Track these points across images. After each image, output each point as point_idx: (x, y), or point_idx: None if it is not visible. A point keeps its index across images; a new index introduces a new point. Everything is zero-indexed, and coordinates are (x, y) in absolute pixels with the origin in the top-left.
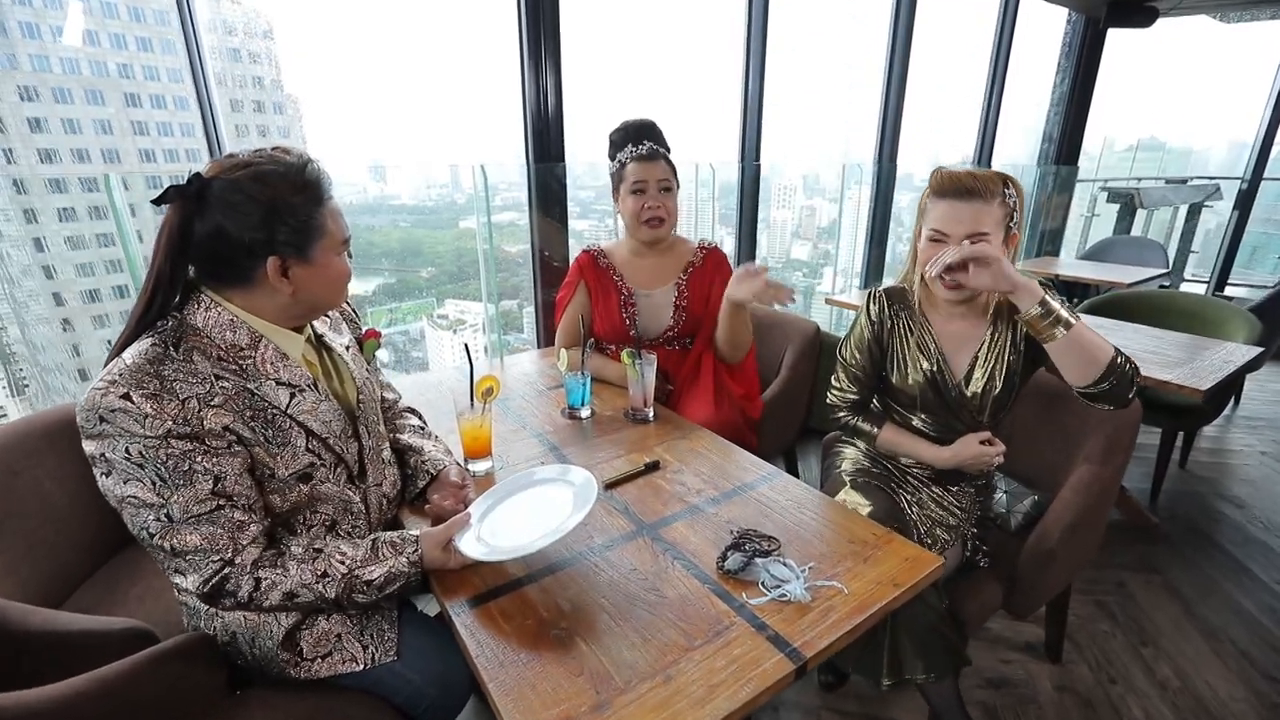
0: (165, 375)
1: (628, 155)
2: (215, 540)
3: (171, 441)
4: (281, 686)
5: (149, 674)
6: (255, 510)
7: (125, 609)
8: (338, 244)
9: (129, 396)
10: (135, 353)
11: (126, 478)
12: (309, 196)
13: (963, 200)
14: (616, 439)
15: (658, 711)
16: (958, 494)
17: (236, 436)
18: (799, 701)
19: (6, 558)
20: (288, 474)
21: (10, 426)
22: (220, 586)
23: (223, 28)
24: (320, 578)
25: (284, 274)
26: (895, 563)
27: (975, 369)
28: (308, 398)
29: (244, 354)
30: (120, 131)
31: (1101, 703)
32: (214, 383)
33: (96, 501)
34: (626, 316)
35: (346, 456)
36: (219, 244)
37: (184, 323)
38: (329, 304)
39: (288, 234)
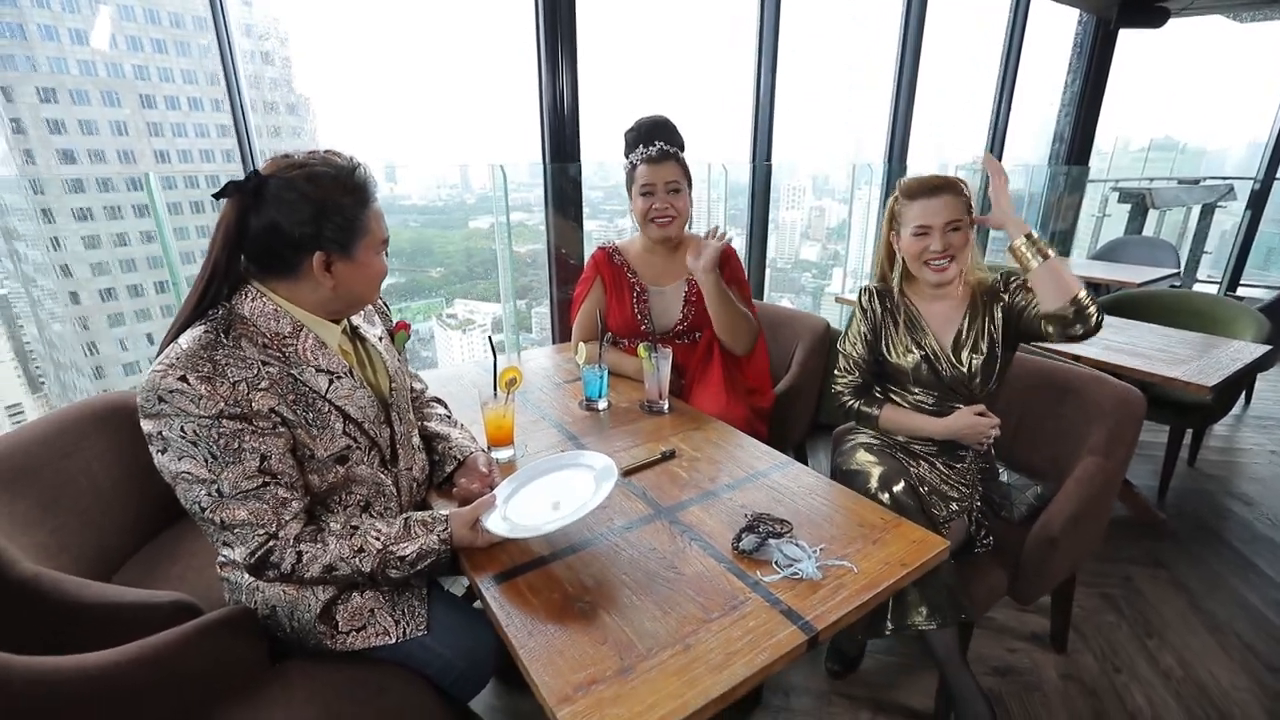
0: (217, 360)
1: (638, 156)
2: (260, 515)
3: (223, 421)
4: (319, 658)
5: (197, 643)
6: (297, 488)
7: (167, 586)
8: (378, 243)
9: (185, 379)
10: (190, 338)
11: (181, 454)
12: (357, 198)
13: (936, 196)
14: (633, 429)
15: (679, 675)
16: (961, 470)
17: (281, 418)
18: (809, 686)
19: (61, 535)
20: (326, 455)
21: (61, 413)
22: (265, 558)
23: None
24: (357, 553)
25: (328, 269)
26: (903, 545)
27: (961, 342)
28: (344, 384)
29: (286, 342)
30: (136, 132)
31: (1105, 691)
32: (260, 367)
33: (138, 485)
34: (639, 312)
35: (379, 441)
36: (271, 238)
37: (233, 311)
38: (365, 300)
39: (334, 231)
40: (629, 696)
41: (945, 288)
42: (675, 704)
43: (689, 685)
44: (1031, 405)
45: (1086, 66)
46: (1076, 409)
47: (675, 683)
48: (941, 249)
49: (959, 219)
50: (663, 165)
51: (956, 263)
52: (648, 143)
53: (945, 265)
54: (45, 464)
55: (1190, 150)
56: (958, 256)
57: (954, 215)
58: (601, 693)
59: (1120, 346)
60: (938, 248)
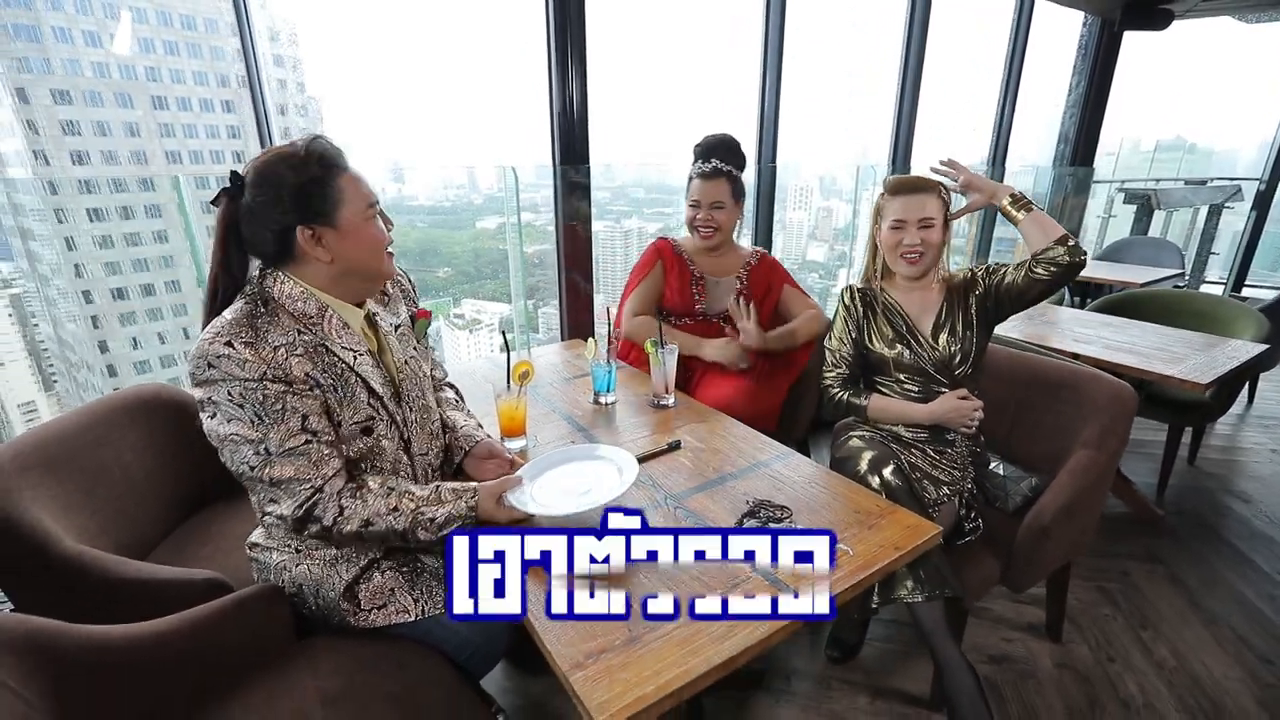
0: (258, 326)
1: (694, 170)
2: (305, 471)
3: (266, 384)
4: (343, 634)
5: (231, 617)
6: (336, 447)
7: (197, 566)
8: (362, 208)
9: (231, 344)
10: (232, 310)
11: (230, 417)
12: (315, 168)
13: (913, 194)
14: (640, 422)
15: (683, 645)
16: (951, 455)
17: (315, 382)
18: (809, 671)
19: (99, 519)
20: (352, 422)
21: (96, 403)
22: (310, 511)
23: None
24: (392, 510)
25: (318, 242)
26: (897, 530)
27: (940, 327)
28: (367, 360)
29: (313, 321)
30: (148, 133)
31: (1099, 679)
32: (296, 335)
33: (168, 472)
34: (696, 292)
35: (397, 418)
36: (257, 229)
37: (265, 291)
38: (374, 269)
39: (302, 203)
40: (636, 663)
41: (919, 280)
42: (679, 670)
43: (693, 654)
44: (1028, 400)
45: (1091, 68)
46: (1071, 404)
47: (679, 652)
48: (913, 243)
49: (932, 218)
50: (712, 182)
51: (926, 258)
52: (705, 159)
53: (916, 258)
54: (83, 451)
55: (1200, 151)
56: (928, 252)
57: (928, 214)
58: (610, 660)
59: (1119, 345)
60: (911, 241)
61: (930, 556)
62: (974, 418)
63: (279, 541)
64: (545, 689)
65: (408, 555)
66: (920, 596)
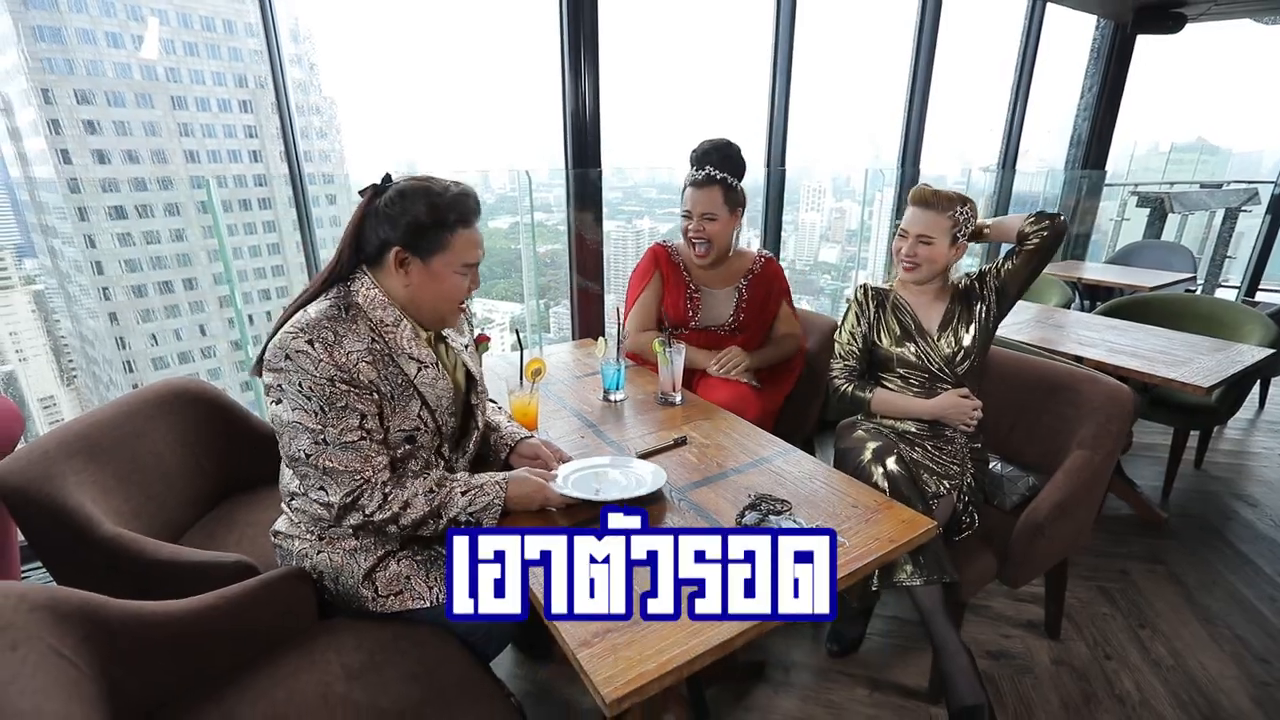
0: (338, 331)
1: (688, 178)
2: (355, 463)
3: (336, 384)
4: (364, 616)
5: (261, 596)
6: (383, 444)
7: (226, 551)
8: (458, 264)
9: (311, 343)
10: (317, 309)
11: (295, 406)
12: (442, 215)
13: (921, 208)
14: (648, 418)
15: (684, 627)
16: (951, 451)
17: (376, 389)
18: (809, 664)
19: (134, 504)
20: (398, 430)
21: (133, 395)
22: (355, 500)
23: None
24: (428, 492)
25: (404, 266)
26: (893, 524)
27: (945, 327)
28: (429, 372)
29: (388, 329)
30: (168, 133)
31: (1095, 676)
32: (370, 343)
33: (198, 463)
34: (690, 307)
35: (445, 429)
36: (374, 228)
37: (351, 295)
38: (440, 313)
39: (412, 236)
40: (640, 642)
41: (921, 286)
42: (680, 650)
43: (693, 635)
44: (1028, 402)
45: (1103, 71)
46: (1069, 405)
47: (681, 633)
48: (910, 253)
49: (930, 236)
50: (704, 191)
51: (921, 270)
52: (699, 166)
53: (911, 267)
54: (121, 441)
55: (1221, 153)
56: (923, 265)
57: (927, 232)
58: (616, 639)
59: (1122, 348)
60: (907, 251)
61: (929, 543)
62: (973, 416)
63: (302, 530)
64: (552, 675)
65: (423, 545)
66: (919, 580)
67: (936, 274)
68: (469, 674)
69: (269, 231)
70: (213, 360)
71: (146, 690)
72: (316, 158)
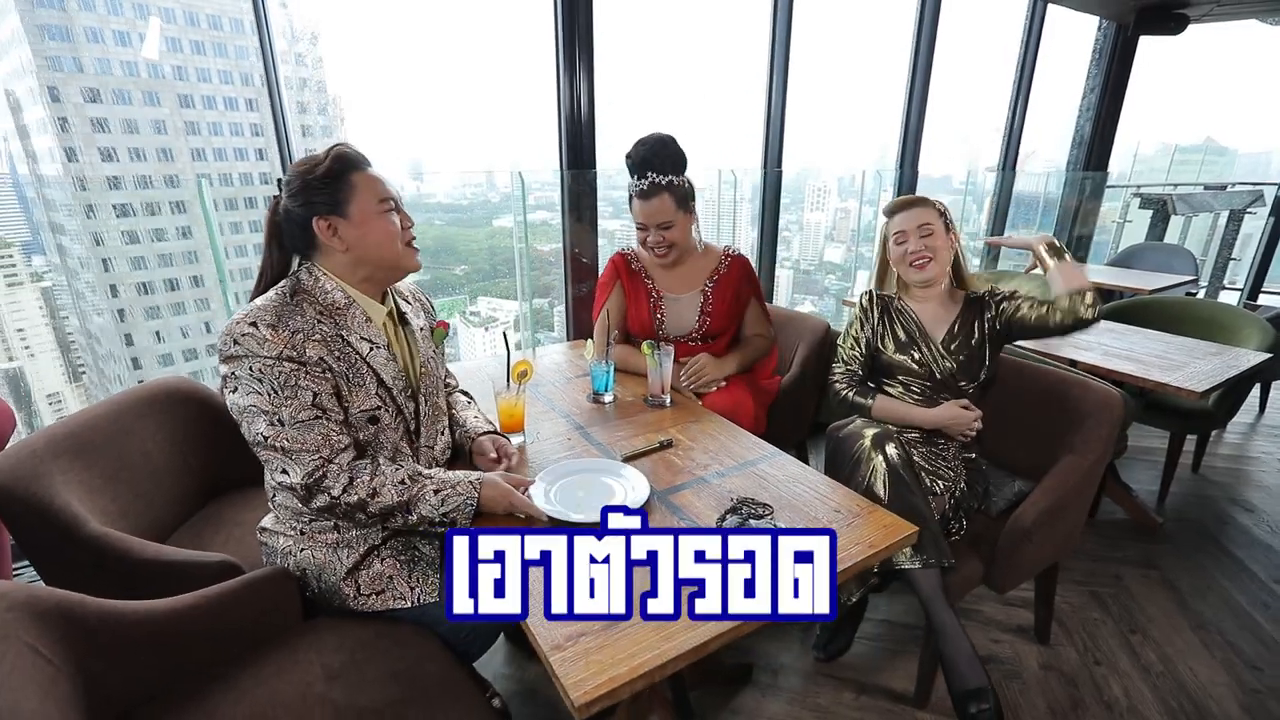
0: (281, 313)
1: (632, 188)
2: (314, 443)
3: (283, 362)
4: (346, 616)
5: (243, 596)
6: (345, 425)
7: (212, 551)
8: (374, 202)
9: (255, 325)
10: (262, 299)
11: (248, 391)
12: (333, 166)
13: (909, 209)
14: (635, 420)
15: (658, 631)
16: (947, 458)
17: (327, 366)
18: (797, 667)
19: (121, 503)
20: (359, 410)
21: (122, 395)
22: (319, 481)
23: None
24: (399, 484)
25: (334, 232)
26: (874, 529)
27: (951, 339)
28: (381, 354)
29: (339, 311)
30: (174, 131)
31: (1084, 681)
32: (315, 324)
33: (185, 462)
34: (656, 318)
35: (405, 412)
36: (288, 224)
37: (298, 282)
38: (390, 260)
39: (321, 198)
40: (612, 646)
41: (932, 289)
42: (652, 654)
43: (666, 639)
44: (1018, 406)
45: (1106, 72)
46: (1060, 410)
47: (653, 637)
48: (918, 249)
49: (930, 224)
50: (651, 200)
51: (935, 263)
52: (640, 174)
53: (924, 263)
54: (110, 440)
55: (1227, 154)
56: (935, 257)
57: (925, 220)
58: (588, 643)
59: (1117, 352)
60: (914, 248)
61: (926, 530)
62: (973, 427)
63: (286, 525)
64: (540, 674)
65: (406, 544)
66: (918, 564)
67: (946, 266)
68: (450, 674)
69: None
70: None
71: (127, 687)
72: None
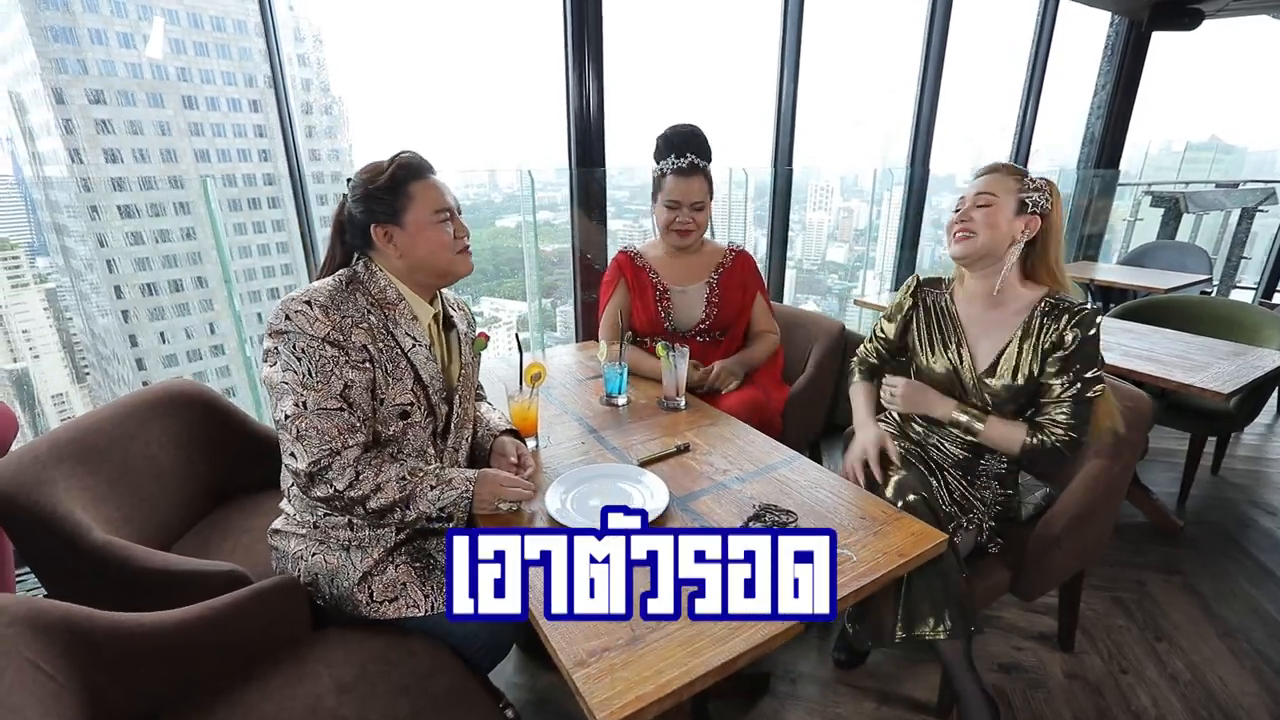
0: (335, 298)
1: (669, 166)
2: (329, 434)
3: (326, 345)
4: (356, 626)
5: (250, 607)
6: (365, 423)
7: (219, 558)
8: (429, 212)
9: (309, 304)
10: (320, 282)
11: (286, 367)
12: (394, 175)
13: (987, 174)
14: (650, 424)
15: (684, 646)
16: (980, 485)
17: (369, 355)
18: (816, 675)
19: (125, 510)
20: (394, 404)
21: (128, 398)
22: (324, 471)
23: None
24: (400, 479)
25: (389, 240)
26: (903, 537)
27: (1001, 361)
28: (422, 352)
29: (389, 305)
30: (179, 132)
31: (1110, 690)
32: (365, 313)
33: (193, 467)
34: (662, 309)
35: (438, 412)
36: (350, 224)
37: (355, 273)
38: (439, 267)
39: (379, 205)
40: (637, 662)
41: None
42: (679, 671)
43: (693, 655)
44: None
45: (1118, 69)
46: None
47: (681, 653)
48: (961, 216)
49: (993, 195)
50: (691, 180)
51: (975, 241)
52: (679, 154)
53: (964, 235)
54: (114, 445)
55: (1236, 152)
56: (979, 234)
57: (987, 188)
58: (613, 659)
59: (1138, 352)
60: (960, 215)
61: (953, 589)
62: None
63: (298, 523)
64: (554, 683)
65: (420, 551)
66: (943, 635)
67: (994, 250)
68: (462, 685)
69: (278, 230)
70: (222, 358)
71: (132, 701)
72: (326, 156)
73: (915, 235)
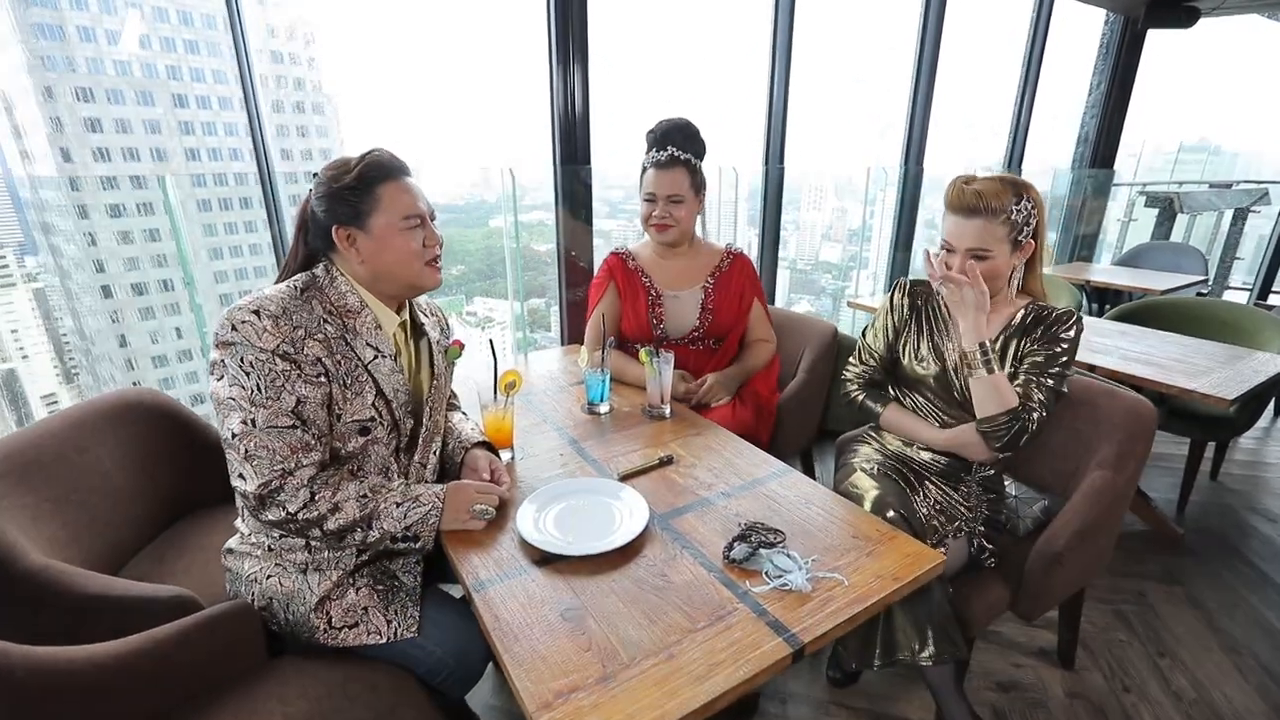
0: (287, 308)
1: (649, 160)
2: (279, 453)
3: (276, 359)
4: (313, 654)
5: (195, 637)
6: (321, 440)
7: (173, 580)
8: (397, 219)
9: (257, 314)
10: (272, 290)
11: (233, 382)
12: (361, 174)
13: (966, 217)
14: (633, 434)
15: (659, 685)
16: (965, 492)
17: (324, 369)
18: (808, 695)
19: (71, 529)
20: (352, 420)
21: (76, 408)
22: (275, 494)
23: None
24: (360, 497)
25: (352, 243)
26: (896, 558)
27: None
28: (385, 364)
29: (349, 314)
30: (168, 130)
31: (1113, 710)
32: (320, 324)
33: (149, 479)
34: (654, 317)
35: (402, 426)
36: (312, 223)
37: (314, 278)
38: (405, 278)
39: (344, 207)
40: (608, 705)
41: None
42: (653, 715)
43: (669, 696)
44: None
45: (1113, 67)
46: (1086, 421)
47: (655, 693)
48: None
49: (986, 250)
50: (668, 172)
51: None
52: (660, 146)
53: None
54: (59, 459)
55: (1226, 153)
56: (986, 283)
57: (981, 244)
58: (581, 701)
59: (1136, 356)
60: (959, 269)
61: (935, 612)
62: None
63: (253, 543)
64: None
65: (385, 572)
66: (927, 660)
67: (1000, 288)
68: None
69: (268, 229)
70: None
71: None
72: (317, 155)
73: (909, 235)
